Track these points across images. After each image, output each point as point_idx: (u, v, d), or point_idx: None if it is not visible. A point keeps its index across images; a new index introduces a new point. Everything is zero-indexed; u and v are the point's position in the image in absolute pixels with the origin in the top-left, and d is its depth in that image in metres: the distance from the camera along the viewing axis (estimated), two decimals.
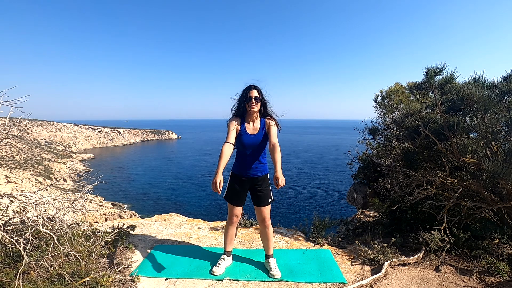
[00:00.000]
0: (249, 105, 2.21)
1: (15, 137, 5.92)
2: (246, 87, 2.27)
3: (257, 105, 2.22)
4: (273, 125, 2.26)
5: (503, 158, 2.13)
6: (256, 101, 2.22)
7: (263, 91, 2.29)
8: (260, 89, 2.28)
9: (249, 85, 2.27)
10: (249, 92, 2.23)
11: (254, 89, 2.24)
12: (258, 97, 2.23)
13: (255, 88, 2.26)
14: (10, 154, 49.43)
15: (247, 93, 2.24)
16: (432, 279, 2.21)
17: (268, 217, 2.32)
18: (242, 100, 2.26)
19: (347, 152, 6.05)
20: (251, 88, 2.25)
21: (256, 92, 2.24)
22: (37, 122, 77.27)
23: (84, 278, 1.87)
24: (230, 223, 2.38)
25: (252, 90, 2.23)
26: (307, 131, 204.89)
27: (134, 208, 32.03)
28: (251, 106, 2.21)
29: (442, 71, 2.63)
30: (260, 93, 2.26)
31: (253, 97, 2.21)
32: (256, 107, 2.23)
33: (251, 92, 2.23)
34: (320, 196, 35.75)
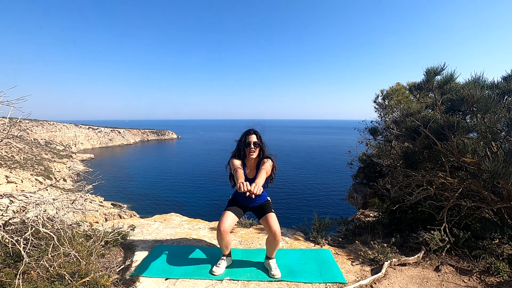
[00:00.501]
0: (248, 150, 2.32)
1: (15, 137, 5.91)
2: (245, 132, 2.39)
3: (256, 150, 2.34)
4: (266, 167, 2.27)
5: (503, 158, 2.13)
6: (255, 147, 2.33)
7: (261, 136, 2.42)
8: (259, 134, 2.40)
9: (248, 130, 2.40)
10: (248, 137, 2.34)
11: (253, 134, 2.37)
12: (257, 142, 2.34)
13: (254, 133, 2.38)
14: (10, 154, 49.44)
15: (246, 138, 2.35)
16: (432, 279, 2.21)
17: (279, 228, 2.21)
18: (242, 144, 2.36)
19: (347, 152, 6.06)
20: (250, 133, 2.37)
21: (255, 137, 2.35)
22: (37, 122, 77.27)
23: (84, 278, 1.87)
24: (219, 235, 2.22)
25: (251, 135, 2.35)
26: (307, 131, 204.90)
27: (134, 208, 32.02)
28: (250, 152, 2.32)
29: (442, 71, 2.63)
30: (258, 138, 2.38)
31: (252, 143, 2.32)
32: (255, 153, 2.34)
33: (250, 137, 2.34)
34: (320, 196, 35.75)
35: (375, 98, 6.08)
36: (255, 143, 2.33)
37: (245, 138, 2.36)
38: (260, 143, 2.36)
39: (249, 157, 2.35)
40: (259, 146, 2.35)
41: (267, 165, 2.29)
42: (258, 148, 2.35)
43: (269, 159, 2.36)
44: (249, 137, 2.34)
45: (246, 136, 2.37)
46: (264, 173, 2.19)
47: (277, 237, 2.20)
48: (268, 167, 2.28)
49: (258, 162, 2.39)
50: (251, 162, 2.39)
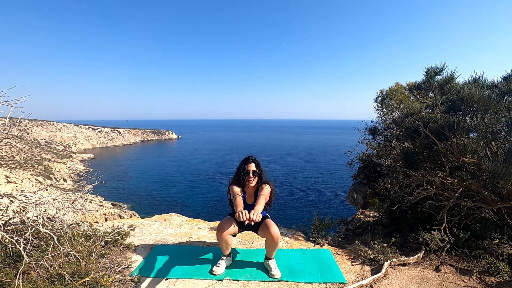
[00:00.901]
0: (247, 179, 2.35)
1: (15, 137, 5.91)
2: (244, 161, 2.41)
3: (254, 179, 2.36)
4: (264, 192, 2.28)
5: (503, 158, 2.13)
6: (254, 175, 2.36)
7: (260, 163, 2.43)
8: (257, 161, 2.42)
9: (246, 158, 2.42)
10: (247, 166, 2.36)
11: (251, 162, 2.38)
12: (256, 171, 2.36)
13: (253, 161, 2.39)
14: (10, 154, 49.44)
15: (245, 167, 2.36)
16: (432, 279, 2.21)
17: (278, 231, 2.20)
18: (241, 173, 2.38)
19: (347, 152, 6.06)
20: (248, 162, 2.38)
21: (253, 165, 2.37)
22: (37, 122, 77.25)
23: (84, 278, 1.87)
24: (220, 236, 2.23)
25: (249, 164, 2.37)
26: (307, 131, 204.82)
27: (134, 208, 32.01)
28: (249, 180, 2.34)
29: (442, 71, 2.63)
30: (257, 166, 2.39)
31: (251, 171, 2.34)
32: (254, 182, 2.36)
33: (248, 166, 2.36)
34: (320, 196, 35.74)
35: (375, 98, 6.08)
36: (254, 172, 2.36)
37: (244, 167, 2.38)
38: (258, 171, 2.39)
39: (248, 185, 2.37)
40: (257, 175, 2.38)
41: (265, 190, 2.31)
42: (257, 177, 2.38)
43: (267, 185, 2.38)
44: (247, 166, 2.36)
45: (245, 165, 2.38)
46: (263, 199, 2.21)
47: (276, 239, 2.20)
48: (266, 193, 2.31)
49: (257, 188, 2.41)
50: (250, 189, 2.42)
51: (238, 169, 2.43)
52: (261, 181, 2.42)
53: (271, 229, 2.21)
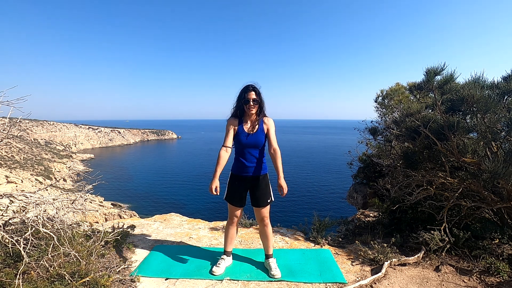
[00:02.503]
0: (247, 107, 2.23)
1: (15, 137, 5.91)
2: (244, 88, 2.26)
3: (255, 107, 2.25)
4: (272, 126, 2.29)
5: (503, 158, 2.13)
6: (254, 103, 2.24)
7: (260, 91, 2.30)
8: (258, 90, 2.28)
9: (246, 86, 2.26)
10: (247, 93, 2.23)
11: (252, 90, 2.24)
12: (256, 99, 2.24)
13: (253, 89, 2.25)
14: (10, 154, 49.43)
15: (245, 94, 2.24)
16: (432, 279, 2.21)
17: (267, 216, 2.33)
18: (240, 101, 2.26)
19: (347, 152, 6.06)
20: (248, 89, 2.24)
21: (254, 93, 2.23)
22: (37, 122, 77.23)
23: (84, 278, 1.87)
24: (231, 223, 2.39)
25: (250, 92, 2.23)
26: (307, 131, 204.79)
27: (134, 208, 32.00)
28: (249, 108, 2.23)
29: (442, 71, 2.63)
30: (258, 94, 2.26)
31: (251, 99, 2.22)
32: (254, 109, 2.25)
33: (249, 94, 2.23)
34: (320, 196, 35.73)
35: (375, 98, 6.08)
36: (254, 100, 2.23)
37: (243, 95, 2.24)
38: (259, 99, 2.26)
39: (249, 112, 2.27)
40: (258, 103, 2.26)
41: (272, 123, 2.30)
42: (257, 105, 2.27)
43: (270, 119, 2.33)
44: (248, 94, 2.22)
45: (244, 92, 2.24)
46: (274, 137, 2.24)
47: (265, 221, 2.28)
48: (273, 126, 2.30)
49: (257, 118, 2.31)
50: (250, 117, 2.31)
51: (237, 98, 2.30)
52: (261, 111, 2.32)
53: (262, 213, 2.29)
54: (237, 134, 2.26)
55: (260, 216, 2.32)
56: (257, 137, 2.25)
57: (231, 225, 2.40)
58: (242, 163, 2.28)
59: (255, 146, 2.25)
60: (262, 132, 2.28)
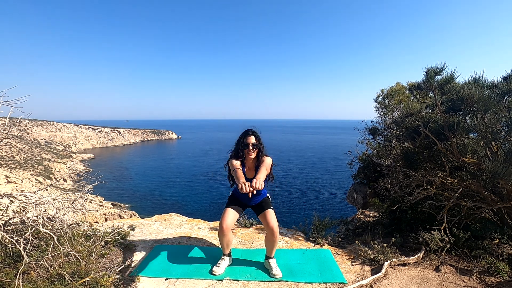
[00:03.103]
0: (247, 152, 2.32)
1: (15, 137, 5.91)
2: (244, 133, 2.38)
3: (254, 151, 2.33)
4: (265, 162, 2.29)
5: (503, 158, 2.13)
6: (254, 148, 2.32)
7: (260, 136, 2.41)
8: (258, 134, 2.39)
9: (246, 131, 2.38)
10: (247, 138, 2.33)
11: (251, 135, 2.35)
12: (256, 144, 2.33)
13: (252, 134, 2.36)
14: (10, 154, 49.42)
15: (244, 139, 2.34)
16: (432, 279, 2.21)
17: (276, 225, 2.25)
18: (240, 146, 2.35)
19: (347, 152, 6.06)
20: (248, 134, 2.35)
21: (253, 138, 2.34)
22: (37, 122, 77.22)
23: (84, 278, 1.87)
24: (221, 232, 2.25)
25: (249, 137, 2.34)
26: (307, 131, 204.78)
27: (134, 208, 31.99)
28: (249, 153, 2.32)
29: (442, 71, 2.63)
30: (257, 139, 2.36)
31: (251, 144, 2.31)
32: (254, 154, 2.33)
33: (248, 138, 2.33)
34: (320, 196, 35.73)
35: (376, 98, 6.08)
36: (254, 145, 2.32)
37: (243, 139, 2.35)
38: (258, 144, 2.35)
39: (248, 158, 2.35)
40: (257, 148, 2.35)
41: (267, 162, 2.30)
42: (257, 150, 2.35)
43: (268, 157, 2.37)
44: (247, 138, 2.33)
45: (244, 137, 2.36)
46: (265, 170, 2.20)
47: (274, 233, 2.21)
48: (268, 164, 2.30)
49: (256, 162, 2.39)
50: (250, 162, 2.39)
51: (237, 142, 2.39)
52: (261, 154, 2.39)
53: (270, 223, 2.23)
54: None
55: (269, 223, 2.23)
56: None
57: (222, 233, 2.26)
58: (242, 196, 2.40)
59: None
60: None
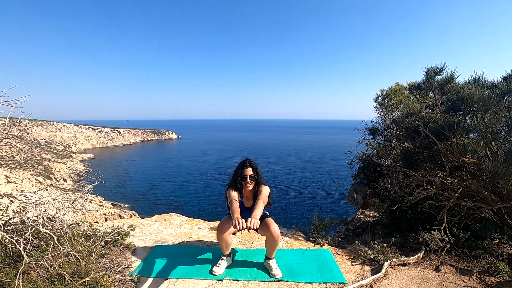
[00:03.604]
0: (245, 184, 2.31)
1: (15, 137, 5.91)
2: (241, 164, 2.37)
3: (252, 183, 2.32)
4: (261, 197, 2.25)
5: (503, 158, 2.13)
6: (251, 180, 2.32)
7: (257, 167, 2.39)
8: (255, 165, 2.37)
9: (243, 163, 2.37)
10: (244, 171, 2.32)
11: (248, 167, 2.34)
12: (253, 175, 2.32)
13: (250, 165, 2.35)
14: (10, 154, 49.43)
15: (241, 171, 2.32)
16: (432, 279, 2.21)
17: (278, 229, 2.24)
18: (238, 177, 2.33)
19: (347, 152, 6.06)
20: (246, 166, 2.34)
21: (250, 170, 2.33)
22: (37, 122, 77.22)
23: (84, 278, 1.87)
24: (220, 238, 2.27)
25: (247, 169, 2.32)
26: (307, 131, 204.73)
27: (134, 208, 31.99)
28: (247, 185, 2.31)
29: (442, 71, 2.63)
30: (254, 170, 2.34)
31: (248, 176, 2.31)
32: (251, 186, 2.32)
33: (246, 170, 2.32)
34: (320, 196, 35.73)
35: (375, 98, 6.08)
36: (251, 177, 2.32)
37: (240, 172, 2.34)
38: (255, 175, 2.34)
39: (246, 189, 2.34)
40: (255, 179, 2.34)
41: (264, 193, 2.29)
42: (254, 181, 2.34)
43: (265, 186, 2.36)
44: (244, 170, 2.33)
45: (241, 169, 2.34)
46: (262, 204, 2.17)
47: (276, 237, 2.21)
48: (265, 196, 2.29)
49: (255, 191, 2.38)
50: (247, 192, 2.39)
51: (235, 173, 2.40)
52: (259, 184, 2.38)
53: (271, 228, 2.21)
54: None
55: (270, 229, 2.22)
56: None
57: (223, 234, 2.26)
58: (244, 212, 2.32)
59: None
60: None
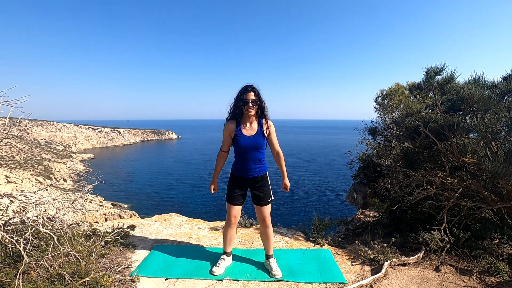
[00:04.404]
0: (246, 109, 2.15)
1: (15, 137, 5.92)
2: (243, 88, 2.18)
3: (254, 108, 2.16)
4: (272, 129, 2.28)
5: (503, 158, 2.13)
6: (253, 105, 2.15)
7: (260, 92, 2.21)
8: (258, 90, 2.19)
9: (245, 86, 2.17)
10: (246, 94, 2.14)
11: (251, 91, 2.15)
12: (255, 100, 2.15)
13: (252, 90, 2.16)
14: (10, 154, 49.42)
15: (244, 95, 2.15)
16: (432, 279, 2.21)
17: (269, 217, 2.32)
18: (239, 102, 2.17)
19: (347, 152, 6.06)
20: (248, 90, 2.15)
21: (253, 94, 2.15)
22: (37, 122, 77.21)
23: (84, 278, 1.87)
24: (229, 225, 2.34)
25: (249, 93, 2.14)
26: (307, 131, 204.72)
27: (134, 208, 31.98)
28: (248, 110, 2.15)
29: (442, 71, 2.63)
30: (257, 95, 2.17)
31: (250, 100, 2.13)
32: (253, 111, 2.17)
33: (248, 94, 2.14)
34: (320, 196, 35.72)
35: (375, 98, 6.08)
36: (254, 101, 2.14)
37: (242, 96, 2.15)
38: (258, 100, 2.17)
39: (248, 114, 2.18)
40: (257, 104, 2.17)
41: (272, 126, 2.27)
42: (257, 106, 2.18)
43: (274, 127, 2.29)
44: (247, 94, 2.13)
45: (243, 93, 2.15)
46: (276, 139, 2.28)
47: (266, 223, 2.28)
48: (273, 129, 2.28)
49: (258, 120, 2.25)
50: (249, 119, 2.22)
51: (235, 99, 2.21)
52: (262, 112, 2.24)
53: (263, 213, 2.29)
54: (236, 137, 2.20)
55: (261, 215, 2.31)
56: (256, 139, 2.20)
57: (229, 226, 2.34)
58: (241, 164, 2.27)
59: (255, 148, 2.21)
60: (261, 134, 2.22)
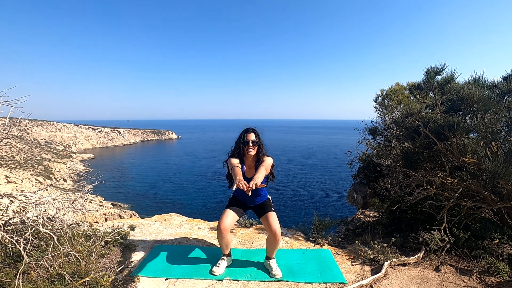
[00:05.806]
0: (247, 148, 2.34)
1: (15, 137, 5.92)
2: (244, 130, 2.41)
3: (254, 148, 2.35)
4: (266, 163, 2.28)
5: (503, 158, 2.13)
6: (254, 145, 2.35)
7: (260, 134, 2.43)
8: (257, 132, 2.41)
9: (246, 129, 2.42)
10: (247, 135, 2.36)
11: (251, 132, 2.38)
12: (255, 141, 2.36)
13: (253, 131, 2.39)
14: (10, 154, 49.42)
15: (244, 136, 2.36)
16: (432, 279, 2.21)
17: (279, 228, 2.23)
18: (240, 143, 2.37)
19: (347, 152, 6.06)
20: (248, 132, 2.38)
21: (253, 135, 2.37)
22: (37, 122, 77.20)
23: (84, 278, 1.87)
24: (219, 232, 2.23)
25: (249, 134, 2.37)
26: (307, 131, 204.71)
27: (134, 208, 31.98)
28: (249, 150, 2.34)
29: (442, 71, 2.63)
30: (257, 136, 2.39)
31: (251, 141, 2.34)
32: (254, 151, 2.35)
33: (248, 135, 2.36)
34: (320, 196, 35.71)
35: (375, 98, 6.08)
36: (254, 141, 2.34)
37: (243, 136, 2.37)
38: (258, 141, 2.38)
39: (248, 154, 2.36)
40: (257, 145, 2.37)
41: (267, 162, 2.31)
42: (257, 147, 2.37)
43: (268, 157, 2.38)
44: (247, 135, 2.36)
45: (244, 134, 2.38)
46: (263, 170, 2.18)
47: (277, 236, 2.21)
48: (267, 164, 2.30)
49: (256, 160, 2.40)
50: (249, 160, 2.40)
51: (237, 140, 2.42)
52: (261, 152, 2.40)
53: (272, 226, 2.23)
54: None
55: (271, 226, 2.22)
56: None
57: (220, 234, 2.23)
58: (244, 197, 2.43)
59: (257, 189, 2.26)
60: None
